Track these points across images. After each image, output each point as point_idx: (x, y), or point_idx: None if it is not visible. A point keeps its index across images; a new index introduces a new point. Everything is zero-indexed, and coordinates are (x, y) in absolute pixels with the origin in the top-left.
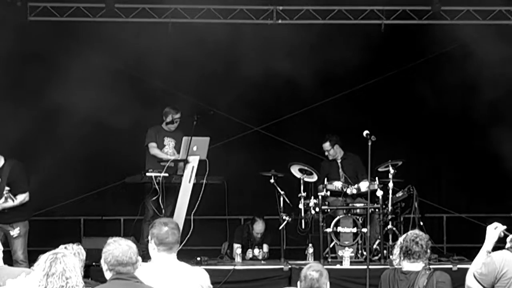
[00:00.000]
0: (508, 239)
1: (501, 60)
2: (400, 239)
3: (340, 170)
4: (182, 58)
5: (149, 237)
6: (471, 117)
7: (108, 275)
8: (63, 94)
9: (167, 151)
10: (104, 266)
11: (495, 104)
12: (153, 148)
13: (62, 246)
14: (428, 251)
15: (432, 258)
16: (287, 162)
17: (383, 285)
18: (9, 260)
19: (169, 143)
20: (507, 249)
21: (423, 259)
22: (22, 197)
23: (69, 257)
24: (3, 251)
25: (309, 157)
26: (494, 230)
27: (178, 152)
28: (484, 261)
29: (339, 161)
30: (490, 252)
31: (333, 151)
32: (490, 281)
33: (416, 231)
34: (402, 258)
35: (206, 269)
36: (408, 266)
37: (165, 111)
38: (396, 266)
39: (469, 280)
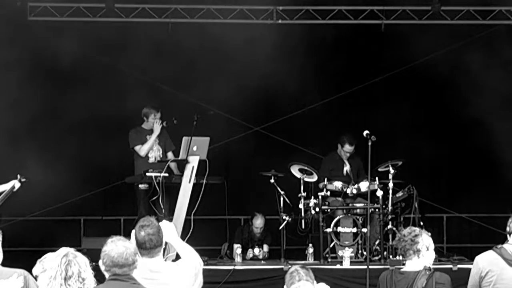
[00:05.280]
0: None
1: (501, 60)
2: (398, 237)
3: (347, 168)
4: (182, 58)
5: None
6: (471, 116)
7: (106, 275)
8: (61, 94)
9: (153, 148)
10: (102, 267)
11: (496, 104)
12: (141, 150)
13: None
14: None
15: None
16: (287, 162)
17: (381, 286)
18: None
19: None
20: (493, 249)
21: (419, 256)
22: None
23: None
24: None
25: (309, 156)
26: None
27: (163, 148)
28: (472, 265)
29: (345, 160)
30: None
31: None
32: (476, 282)
33: (411, 228)
34: (401, 255)
35: (206, 269)
36: (409, 264)
37: (145, 111)
38: (396, 267)
39: None
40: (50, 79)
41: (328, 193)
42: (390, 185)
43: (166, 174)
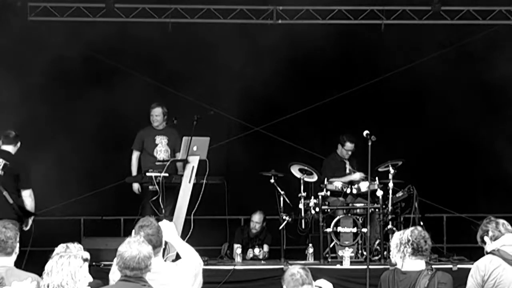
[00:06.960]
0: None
1: (501, 59)
2: (407, 236)
3: (350, 168)
4: (182, 58)
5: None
6: (471, 116)
7: (117, 274)
8: (60, 94)
9: (160, 149)
10: (116, 266)
11: (496, 103)
12: (133, 158)
13: (63, 245)
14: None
15: (432, 258)
16: (287, 162)
17: (382, 286)
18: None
19: (161, 141)
20: (491, 252)
21: (426, 257)
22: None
23: (63, 258)
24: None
25: (309, 157)
26: None
27: (172, 148)
28: (471, 272)
29: (346, 160)
30: None
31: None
32: (478, 285)
33: (419, 228)
34: (407, 254)
35: (206, 269)
36: (410, 263)
37: None
38: (396, 266)
39: None
40: (50, 79)
41: (328, 193)
42: (390, 185)
43: (166, 174)
